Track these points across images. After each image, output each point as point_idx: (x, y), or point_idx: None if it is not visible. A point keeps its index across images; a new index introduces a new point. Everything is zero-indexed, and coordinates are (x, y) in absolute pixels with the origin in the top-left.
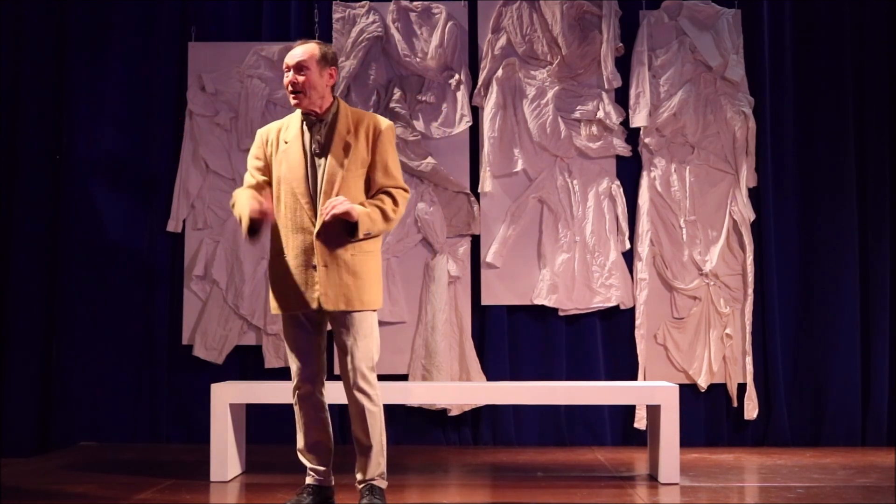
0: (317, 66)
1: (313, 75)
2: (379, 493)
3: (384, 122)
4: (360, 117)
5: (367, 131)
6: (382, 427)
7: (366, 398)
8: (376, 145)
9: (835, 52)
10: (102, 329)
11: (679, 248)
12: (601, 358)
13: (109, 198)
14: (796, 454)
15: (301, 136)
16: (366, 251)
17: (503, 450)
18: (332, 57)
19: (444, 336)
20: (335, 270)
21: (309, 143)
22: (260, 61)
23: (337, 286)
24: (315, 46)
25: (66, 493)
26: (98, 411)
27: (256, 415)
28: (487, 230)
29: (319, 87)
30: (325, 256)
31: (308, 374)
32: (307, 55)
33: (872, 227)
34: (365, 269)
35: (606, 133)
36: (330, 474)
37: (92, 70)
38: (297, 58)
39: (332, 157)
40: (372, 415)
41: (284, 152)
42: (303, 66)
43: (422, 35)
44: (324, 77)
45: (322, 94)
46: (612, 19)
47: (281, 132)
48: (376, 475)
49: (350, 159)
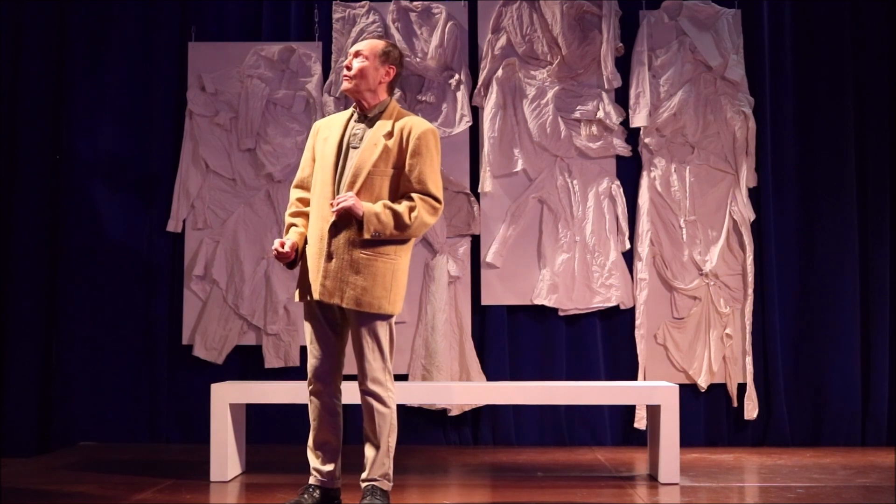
0: (376, 58)
1: (369, 66)
2: (381, 494)
3: (424, 125)
4: (403, 118)
5: (404, 131)
6: (392, 429)
7: (374, 399)
8: (410, 149)
9: (835, 53)
10: (102, 329)
11: (679, 248)
12: (601, 358)
13: (109, 198)
14: (796, 454)
15: (344, 127)
16: (383, 254)
17: (503, 450)
18: (395, 57)
19: (444, 336)
20: (340, 264)
21: (350, 134)
22: (260, 61)
23: (337, 280)
24: (381, 42)
25: (66, 493)
26: (98, 411)
27: (256, 415)
28: (487, 230)
29: (372, 80)
30: (334, 248)
31: (319, 372)
32: (370, 46)
33: (872, 227)
34: (378, 272)
35: (606, 133)
36: (335, 476)
37: (92, 70)
38: (359, 46)
39: (362, 152)
40: (381, 416)
41: (325, 139)
42: (361, 54)
43: (422, 35)
44: (380, 72)
45: (373, 88)
46: (612, 19)
47: (332, 122)
48: (379, 475)
49: (380, 158)
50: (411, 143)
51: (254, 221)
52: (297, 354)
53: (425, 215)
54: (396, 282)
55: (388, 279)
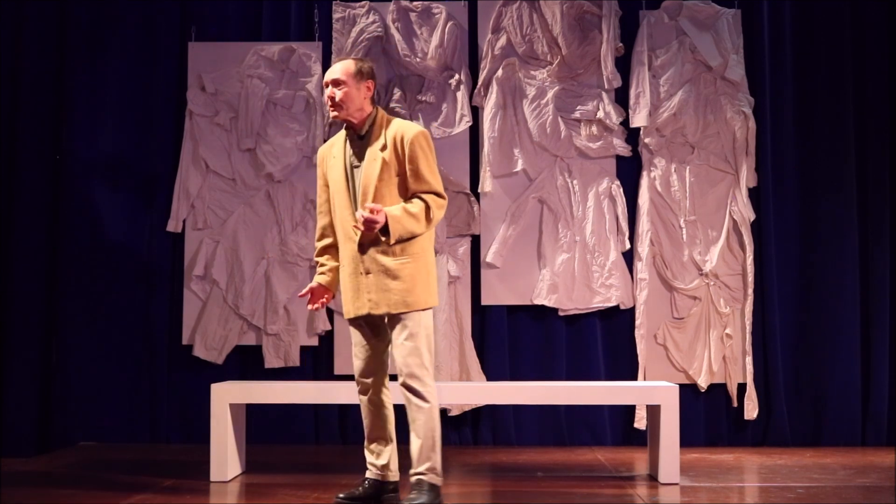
0: (353, 80)
1: (350, 89)
2: (428, 487)
3: (413, 130)
4: (392, 126)
5: (396, 140)
6: (435, 423)
7: (414, 395)
8: (405, 152)
9: (835, 53)
10: (102, 329)
11: (679, 248)
12: (601, 358)
13: (109, 198)
14: (796, 454)
15: (344, 150)
16: (410, 254)
17: (503, 450)
18: (367, 71)
19: (444, 336)
20: (379, 277)
21: (350, 155)
22: (260, 61)
23: (382, 291)
24: (351, 62)
25: (66, 493)
26: (98, 411)
27: (256, 415)
28: (487, 230)
29: (357, 100)
30: (369, 264)
31: (365, 373)
32: (343, 71)
33: (872, 227)
34: (410, 273)
35: (606, 133)
36: (389, 469)
37: (92, 70)
38: (334, 74)
39: (365, 168)
40: (422, 410)
41: (332, 167)
42: (340, 82)
43: (422, 35)
44: (361, 90)
45: (360, 107)
46: (612, 19)
47: (332, 148)
48: (425, 469)
49: (382, 169)
50: (406, 149)
51: (254, 221)
52: (296, 354)
53: (436, 210)
54: (431, 275)
55: (423, 277)
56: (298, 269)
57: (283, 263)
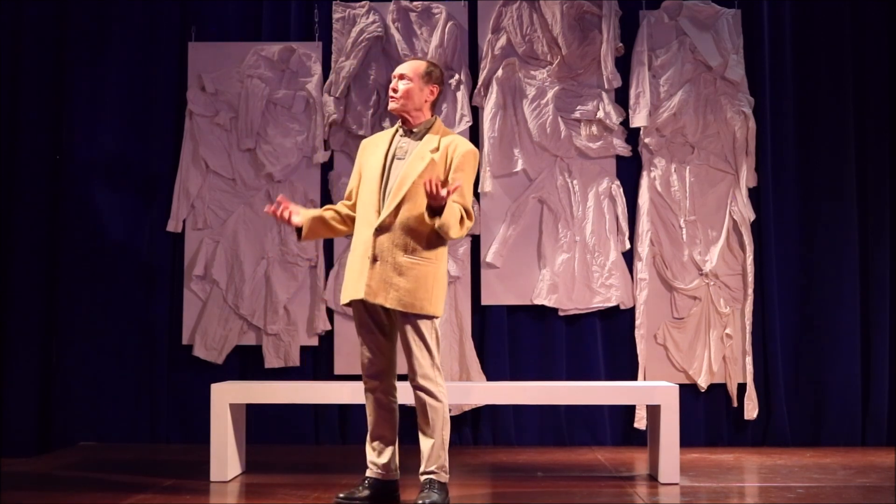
0: (419, 79)
1: (414, 88)
2: (438, 486)
3: (468, 145)
4: (449, 136)
5: (449, 148)
6: (445, 422)
7: (426, 394)
8: (454, 164)
9: (835, 53)
10: (102, 329)
11: (679, 248)
12: (601, 358)
13: (109, 198)
14: (796, 454)
15: (391, 141)
16: (424, 257)
17: (503, 450)
18: (437, 76)
19: (444, 336)
20: (384, 266)
21: (396, 147)
22: (260, 61)
23: (381, 281)
24: (423, 63)
25: (66, 493)
26: (98, 411)
27: (256, 415)
28: (487, 230)
29: (416, 99)
30: (379, 251)
31: (371, 371)
32: (412, 68)
33: (872, 227)
34: (420, 275)
35: (606, 133)
36: (391, 468)
37: (92, 70)
38: (403, 69)
39: (409, 164)
40: (434, 410)
41: (372, 154)
42: (405, 77)
43: (422, 35)
44: (424, 92)
45: (418, 107)
46: (612, 19)
47: (378, 138)
48: (436, 467)
49: (425, 171)
50: (456, 159)
51: (254, 221)
52: (296, 354)
53: (467, 222)
54: (437, 284)
55: (429, 282)
56: (298, 269)
57: (283, 263)
